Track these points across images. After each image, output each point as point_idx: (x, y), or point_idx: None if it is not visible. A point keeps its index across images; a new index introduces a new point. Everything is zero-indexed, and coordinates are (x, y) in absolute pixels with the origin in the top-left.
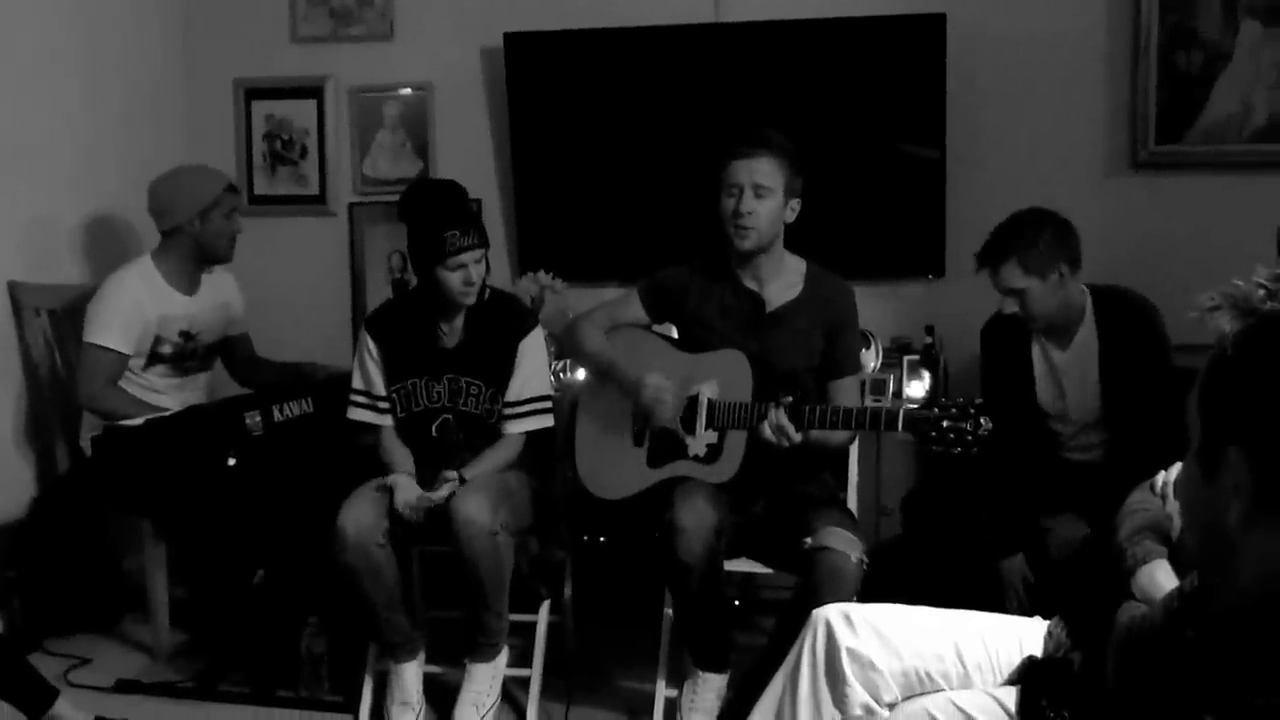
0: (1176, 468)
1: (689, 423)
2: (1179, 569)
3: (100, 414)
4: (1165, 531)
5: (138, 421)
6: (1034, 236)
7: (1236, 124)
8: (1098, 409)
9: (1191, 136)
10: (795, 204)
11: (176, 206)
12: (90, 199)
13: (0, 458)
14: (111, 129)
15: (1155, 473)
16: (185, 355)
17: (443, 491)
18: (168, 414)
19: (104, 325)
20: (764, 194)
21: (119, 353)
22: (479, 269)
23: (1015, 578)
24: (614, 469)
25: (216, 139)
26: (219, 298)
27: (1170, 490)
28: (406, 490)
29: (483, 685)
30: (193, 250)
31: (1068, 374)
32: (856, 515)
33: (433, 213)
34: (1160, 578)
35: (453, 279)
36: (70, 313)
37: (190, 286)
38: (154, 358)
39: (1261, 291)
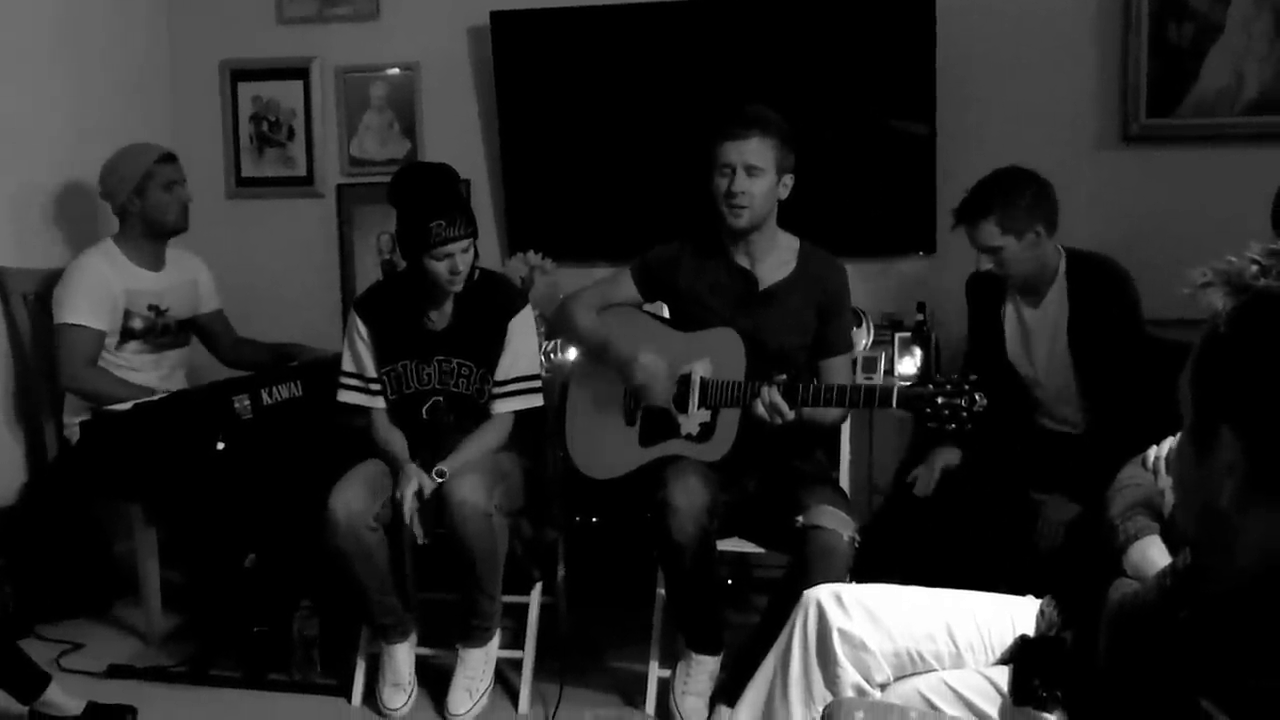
0: (1168, 443)
1: (682, 401)
2: (1171, 545)
3: (84, 395)
4: (1157, 508)
5: (126, 406)
6: (1014, 196)
7: (1229, 97)
8: (1070, 373)
9: (1183, 109)
10: (788, 180)
11: (114, 188)
12: (76, 183)
13: None
14: (97, 112)
15: (1138, 445)
16: (157, 331)
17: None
18: (156, 398)
19: (73, 305)
20: (756, 173)
21: (93, 329)
22: (466, 258)
23: (939, 463)
24: (606, 449)
25: (202, 121)
26: (185, 275)
27: (1162, 465)
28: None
29: (475, 670)
30: (143, 227)
31: (1036, 331)
32: (849, 493)
33: (419, 201)
34: (1153, 554)
35: (439, 268)
36: None
37: (154, 264)
38: (126, 334)
39: (1255, 267)
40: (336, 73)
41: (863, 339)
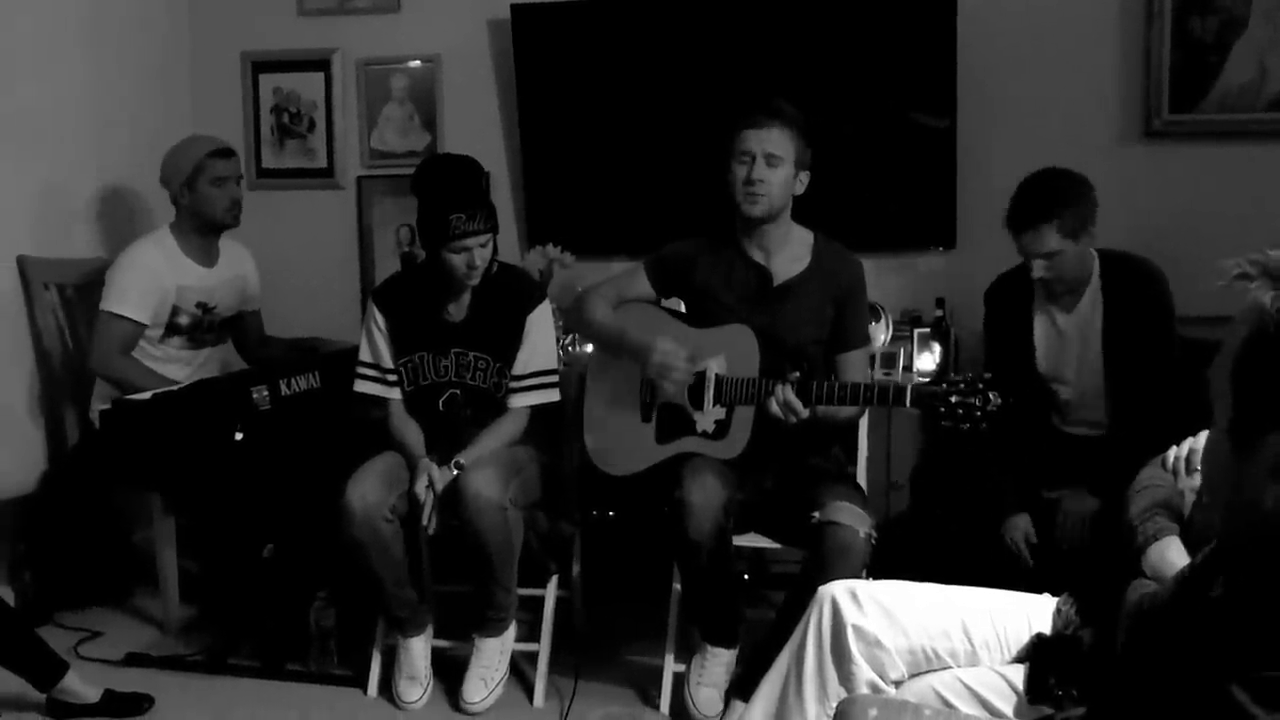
0: (1188, 444)
1: (697, 398)
2: (1190, 546)
3: (111, 382)
4: (1177, 509)
5: (145, 396)
6: (1075, 200)
7: (1252, 91)
8: (1101, 376)
9: (1206, 105)
10: (804, 176)
11: (168, 177)
12: (98, 173)
13: (11, 432)
14: (119, 103)
15: (1162, 446)
16: (202, 327)
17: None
18: (175, 388)
19: (120, 294)
20: (775, 163)
21: (134, 321)
22: (484, 253)
23: (1019, 536)
24: (622, 445)
25: (224, 112)
26: (236, 270)
27: (1182, 466)
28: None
29: (491, 659)
30: (193, 220)
31: (1070, 336)
32: (866, 489)
33: (441, 193)
34: (1172, 555)
35: (456, 261)
36: (80, 286)
37: (207, 259)
38: (171, 329)
39: None
40: (357, 65)
41: (881, 334)
